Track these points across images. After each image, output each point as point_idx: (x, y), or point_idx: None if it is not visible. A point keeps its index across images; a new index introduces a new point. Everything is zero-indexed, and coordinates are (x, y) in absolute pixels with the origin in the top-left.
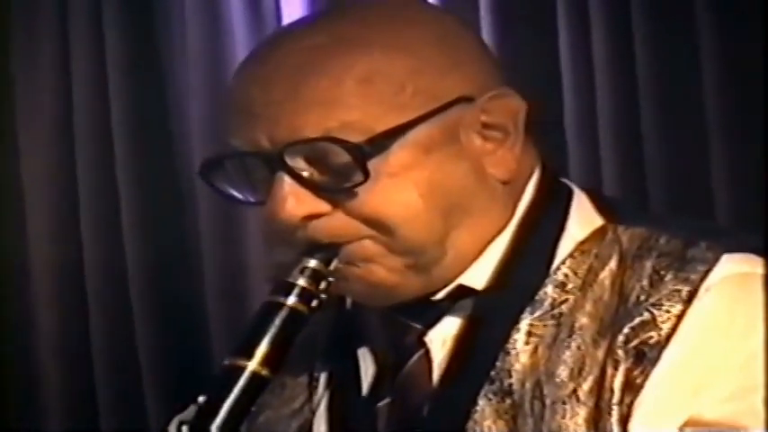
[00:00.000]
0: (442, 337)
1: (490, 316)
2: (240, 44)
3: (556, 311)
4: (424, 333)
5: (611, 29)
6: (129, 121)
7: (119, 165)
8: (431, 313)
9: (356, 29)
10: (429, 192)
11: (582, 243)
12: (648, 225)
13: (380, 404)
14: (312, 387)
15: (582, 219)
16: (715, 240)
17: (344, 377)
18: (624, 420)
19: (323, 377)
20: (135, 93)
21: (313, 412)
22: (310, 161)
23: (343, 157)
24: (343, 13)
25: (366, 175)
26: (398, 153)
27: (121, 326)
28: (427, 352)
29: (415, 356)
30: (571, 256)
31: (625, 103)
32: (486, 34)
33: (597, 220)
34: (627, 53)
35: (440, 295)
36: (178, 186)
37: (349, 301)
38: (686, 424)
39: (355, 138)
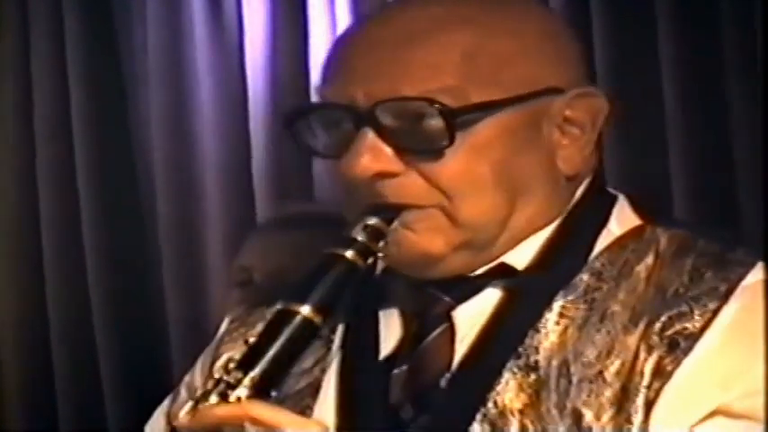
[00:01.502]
0: (469, 312)
1: (525, 294)
2: (200, 42)
3: (589, 297)
4: (452, 307)
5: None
6: (88, 117)
7: (78, 160)
8: (463, 288)
9: (469, 7)
10: (503, 171)
11: (620, 238)
12: (687, 229)
13: (396, 371)
14: (327, 348)
15: (622, 219)
16: (749, 249)
17: (364, 340)
18: (650, 404)
19: (338, 338)
20: (95, 94)
21: (324, 371)
22: (400, 119)
23: (434, 120)
24: None
25: (452, 139)
26: (485, 127)
27: (80, 320)
28: (452, 326)
29: (440, 329)
30: (609, 248)
31: None
32: None
33: (636, 221)
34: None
35: (480, 271)
36: (136, 180)
37: (379, 267)
38: (714, 414)
39: (450, 104)
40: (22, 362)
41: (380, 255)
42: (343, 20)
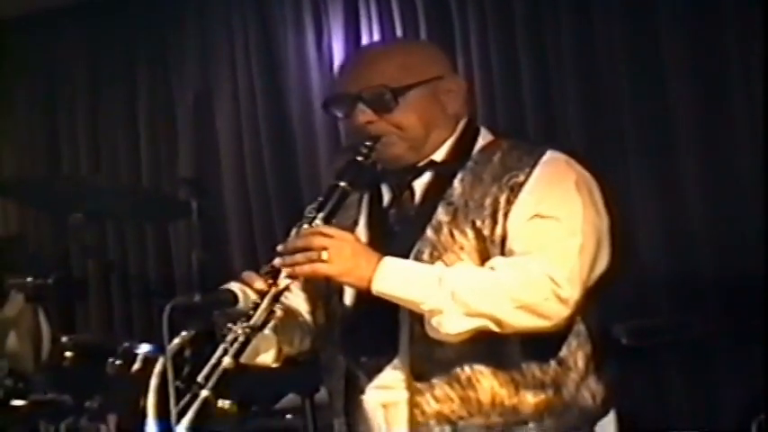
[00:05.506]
0: (420, 183)
1: (444, 173)
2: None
3: (474, 171)
4: (412, 180)
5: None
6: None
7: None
8: (414, 171)
9: (399, 46)
10: (422, 115)
11: (485, 146)
12: (516, 140)
13: (391, 211)
14: (359, 203)
15: (485, 136)
16: (545, 145)
17: (376, 199)
18: (506, 216)
19: (365, 200)
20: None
21: (359, 213)
22: (372, 97)
23: (388, 95)
24: (391, 42)
25: (397, 103)
26: (411, 96)
27: None
28: (412, 189)
29: (407, 191)
30: (481, 150)
31: None
32: None
33: (491, 138)
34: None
35: (421, 163)
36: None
37: (379, 167)
38: (533, 217)
39: (394, 86)
40: None
41: (373, 158)
42: (333, 58)
